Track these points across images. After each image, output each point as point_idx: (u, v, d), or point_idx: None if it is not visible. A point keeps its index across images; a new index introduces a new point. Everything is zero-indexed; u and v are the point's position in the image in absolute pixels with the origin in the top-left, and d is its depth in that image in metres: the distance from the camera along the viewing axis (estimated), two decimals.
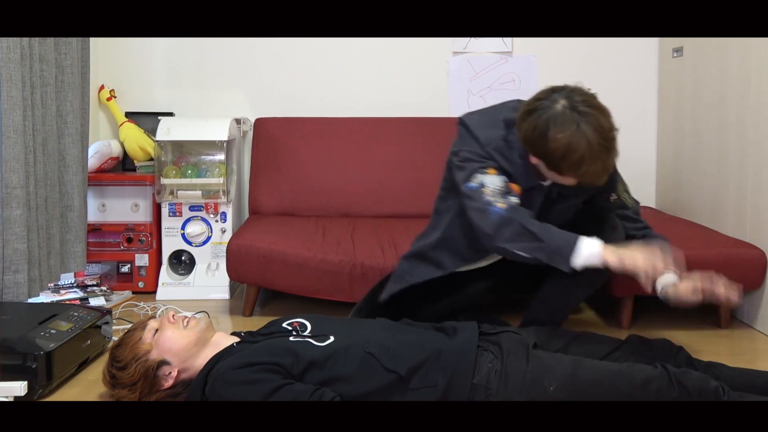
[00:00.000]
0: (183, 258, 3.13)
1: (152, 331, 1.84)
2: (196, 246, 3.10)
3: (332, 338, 1.76)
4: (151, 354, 1.79)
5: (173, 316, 1.86)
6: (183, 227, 3.09)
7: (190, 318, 1.86)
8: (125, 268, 3.11)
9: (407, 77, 3.50)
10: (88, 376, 2.11)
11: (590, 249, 1.87)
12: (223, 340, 1.86)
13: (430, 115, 3.45)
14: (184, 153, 3.12)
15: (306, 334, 1.80)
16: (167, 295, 3.04)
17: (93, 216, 3.08)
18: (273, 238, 2.70)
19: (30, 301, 2.42)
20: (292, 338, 1.78)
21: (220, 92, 3.50)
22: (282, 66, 3.49)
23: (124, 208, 3.12)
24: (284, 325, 1.87)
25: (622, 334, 1.98)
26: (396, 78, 3.50)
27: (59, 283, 2.90)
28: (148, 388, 1.78)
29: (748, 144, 2.64)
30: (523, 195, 2.01)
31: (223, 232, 3.10)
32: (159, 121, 3.12)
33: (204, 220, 3.10)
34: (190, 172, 3.06)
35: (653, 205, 3.49)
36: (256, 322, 2.38)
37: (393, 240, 2.74)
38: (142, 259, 3.11)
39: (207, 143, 3.10)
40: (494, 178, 1.95)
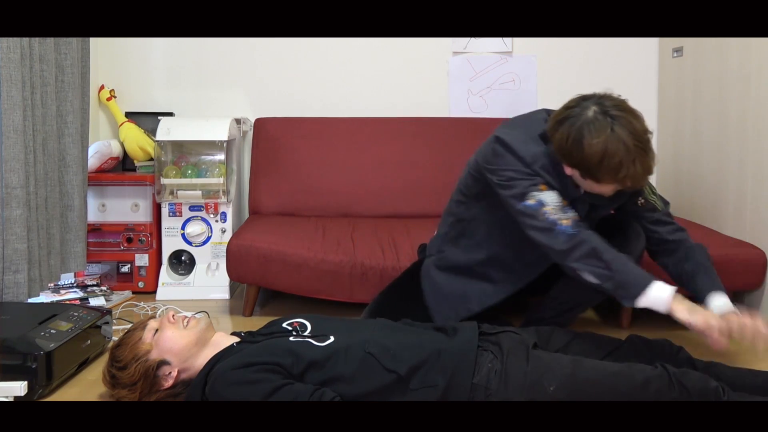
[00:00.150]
0: (183, 258, 3.13)
1: (152, 331, 1.84)
2: (196, 246, 3.10)
3: (332, 338, 1.76)
4: (151, 354, 1.79)
5: (173, 316, 1.86)
6: (183, 227, 3.09)
7: (190, 318, 1.86)
8: (125, 268, 3.11)
9: (407, 77, 3.50)
10: (88, 376, 2.11)
11: (659, 294, 1.84)
12: (223, 340, 1.86)
13: (430, 115, 3.45)
14: (184, 153, 3.12)
15: (306, 334, 1.80)
16: (167, 295, 3.04)
17: (93, 216, 3.08)
18: (273, 238, 2.70)
19: (30, 301, 2.42)
20: (292, 338, 1.78)
21: (220, 92, 3.50)
22: (282, 66, 3.49)
23: (124, 208, 3.12)
24: (284, 325, 1.87)
25: (622, 334, 1.98)
26: (396, 78, 3.50)
27: (59, 283, 2.90)
28: (148, 388, 1.78)
29: (748, 144, 2.64)
30: (572, 206, 2.00)
31: (223, 232, 3.10)
32: (159, 121, 3.12)
33: (204, 220, 3.10)
34: (190, 172, 3.06)
35: None
36: (256, 322, 2.39)
37: (393, 240, 2.74)
38: (142, 259, 3.11)
39: (207, 143, 3.10)
40: (551, 195, 1.93)
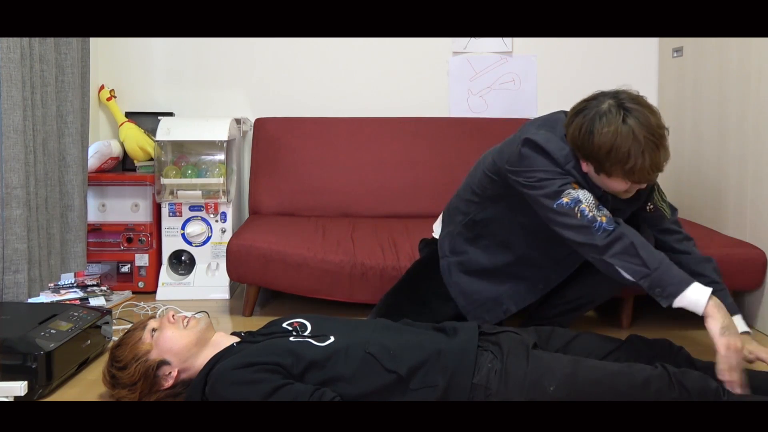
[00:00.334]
0: (183, 258, 3.13)
1: (152, 331, 1.84)
2: (196, 246, 3.10)
3: (332, 338, 1.76)
4: (151, 354, 1.79)
5: (173, 316, 1.86)
6: (183, 227, 3.09)
7: (190, 318, 1.86)
8: (125, 268, 3.11)
9: (407, 77, 3.50)
10: (88, 376, 2.11)
11: (698, 297, 1.79)
12: (223, 340, 1.86)
13: (430, 115, 3.45)
14: (184, 153, 3.12)
15: (306, 334, 1.80)
16: (167, 295, 3.04)
17: (93, 216, 3.08)
18: (273, 238, 2.70)
19: (30, 301, 2.42)
20: (292, 338, 1.78)
21: (220, 92, 3.50)
22: (282, 66, 3.49)
23: (124, 208, 3.12)
24: (284, 325, 1.87)
25: (622, 334, 1.98)
26: (396, 78, 3.50)
27: (59, 283, 2.90)
28: (148, 388, 1.78)
29: (748, 144, 2.64)
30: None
31: (223, 232, 3.10)
32: (159, 121, 3.12)
33: (204, 220, 3.10)
34: (190, 172, 3.06)
35: None
36: (256, 322, 2.38)
37: (393, 240, 2.74)
38: (142, 259, 3.11)
39: (207, 143, 3.10)
40: (585, 193, 1.90)
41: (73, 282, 2.97)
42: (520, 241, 2.12)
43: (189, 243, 3.09)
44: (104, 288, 2.97)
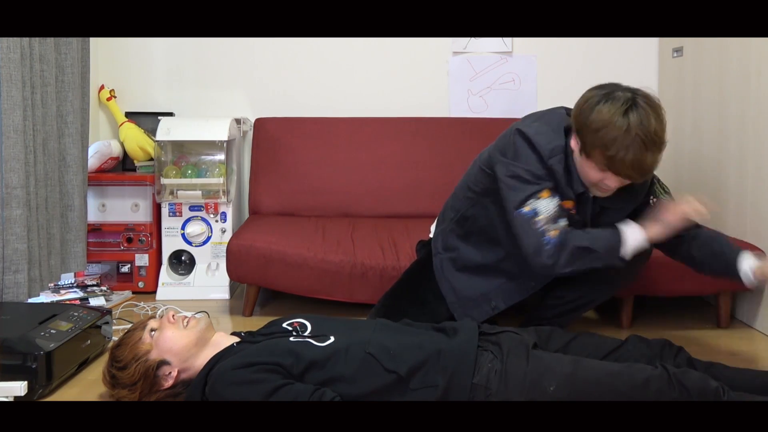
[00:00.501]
0: (183, 258, 3.13)
1: (152, 331, 1.84)
2: (196, 246, 3.10)
3: (332, 338, 1.76)
4: (151, 354, 1.79)
5: (173, 316, 1.86)
6: (183, 227, 3.09)
7: (190, 318, 1.86)
8: (125, 268, 3.11)
9: (407, 77, 3.50)
10: (88, 376, 2.11)
11: (634, 235, 1.95)
12: (223, 340, 1.86)
13: (430, 115, 3.45)
14: (184, 153, 3.12)
15: (306, 334, 1.80)
16: (167, 295, 3.04)
17: (93, 216, 3.08)
18: (273, 238, 2.70)
19: (30, 301, 2.42)
20: (292, 338, 1.78)
21: (220, 92, 3.50)
22: (282, 66, 3.49)
23: (124, 208, 3.12)
24: (284, 325, 1.87)
25: (622, 334, 1.98)
26: (396, 78, 3.50)
27: (59, 283, 2.90)
28: (148, 388, 1.78)
29: (748, 144, 2.64)
30: (577, 207, 2.01)
31: (223, 232, 3.10)
32: (159, 121, 3.12)
33: (204, 220, 3.10)
34: (190, 172, 3.06)
35: None
36: (256, 322, 2.39)
37: (393, 240, 2.74)
38: (142, 259, 3.11)
39: (207, 143, 3.10)
40: (548, 203, 1.93)
41: (73, 282, 2.97)
42: (507, 238, 2.12)
43: (189, 243, 3.09)
44: (104, 288, 2.97)
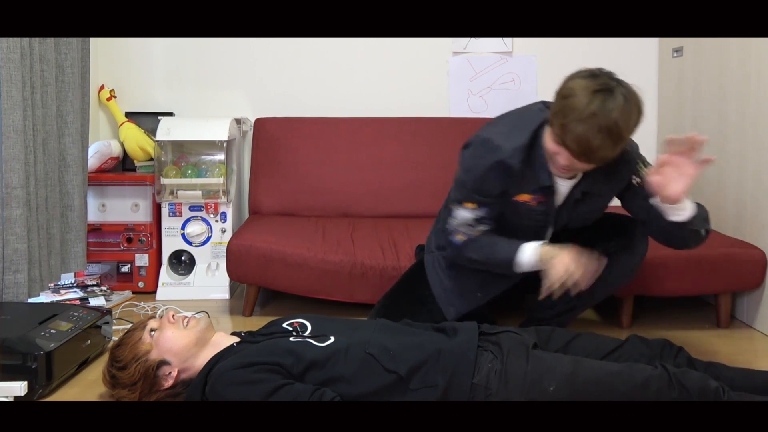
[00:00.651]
0: (183, 258, 3.13)
1: (152, 331, 1.84)
2: (196, 246, 3.10)
3: (332, 339, 1.76)
4: (151, 354, 1.79)
5: (173, 316, 1.86)
6: (183, 227, 3.09)
7: (190, 318, 1.86)
8: (125, 268, 3.11)
9: (407, 77, 3.50)
10: (88, 376, 2.11)
11: (528, 258, 2.01)
12: (223, 340, 1.86)
13: (430, 115, 3.45)
14: (184, 153, 3.12)
15: (306, 334, 1.80)
16: (167, 295, 3.04)
17: (93, 216, 3.08)
18: (273, 238, 2.70)
19: (30, 301, 2.42)
20: (292, 339, 1.78)
21: (220, 92, 3.50)
22: (282, 66, 3.49)
23: (124, 208, 3.12)
24: (284, 325, 1.87)
25: (622, 334, 1.98)
26: (396, 78, 3.50)
27: (59, 283, 2.90)
28: (148, 388, 1.78)
29: (748, 144, 2.64)
30: (544, 199, 2.02)
31: (223, 232, 3.10)
32: (159, 121, 3.12)
33: (204, 220, 3.10)
34: (190, 172, 3.06)
35: None
36: (256, 322, 2.39)
37: (393, 240, 2.74)
38: (142, 259, 3.11)
39: (207, 143, 3.10)
40: (466, 213, 2.06)
41: (73, 282, 2.97)
42: (506, 234, 2.12)
43: (189, 243, 3.09)
44: (104, 288, 2.97)
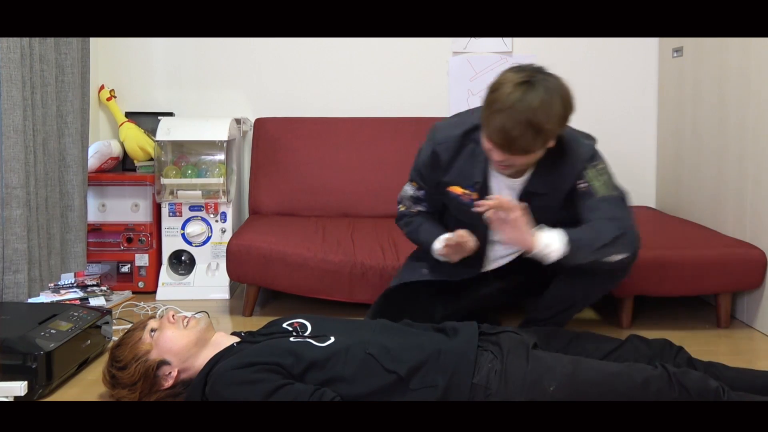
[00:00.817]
0: (183, 258, 3.13)
1: (152, 331, 1.84)
2: (196, 246, 3.10)
3: (332, 339, 1.76)
4: (151, 354, 1.79)
5: (173, 316, 1.86)
6: (183, 227, 3.09)
7: (190, 318, 1.86)
8: (125, 268, 3.11)
9: (407, 77, 3.50)
10: (88, 376, 2.11)
11: (437, 247, 2.13)
12: (223, 340, 1.86)
13: (430, 115, 3.45)
14: (184, 153, 3.12)
15: (306, 334, 1.80)
16: (167, 295, 3.04)
17: (93, 216, 3.08)
18: (273, 238, 2.70)
19: (30, 301, 2.42)
20: (292, 339, 1.78)
21: (220, 92, 3.50)
22: (282, 66, 3.49)
23: (124, 208, 3.12)
24: (284, 325, 1.87)
25: (622, 334, 1.98)
26: (396, 78, 3.50)
27: (59, 283, 2.90)
28: (148, 388, 1.78)
29: (748, 144, 2.64)
30: (475, 198, 2.06)
31: (223, 232, 3.10)
32: (159, 121, 3.12)
33: (204, 220, 3.10)
34: (190, 172, 3.06)
35: (653, 205, 3.49)
36: (256, 322, 2.39)
37: (393, 240, 2.74)
38: (142, 259, 3.11)
39: (207, 143, 3.10)
40: (409, 190, 2.25)
41: (73, 282, 2.97)
42: (452, 225, 2.18)
43: (189, 243, 3.09)
44: (104, 288, 2.97)
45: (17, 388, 1.84)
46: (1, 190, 2.30)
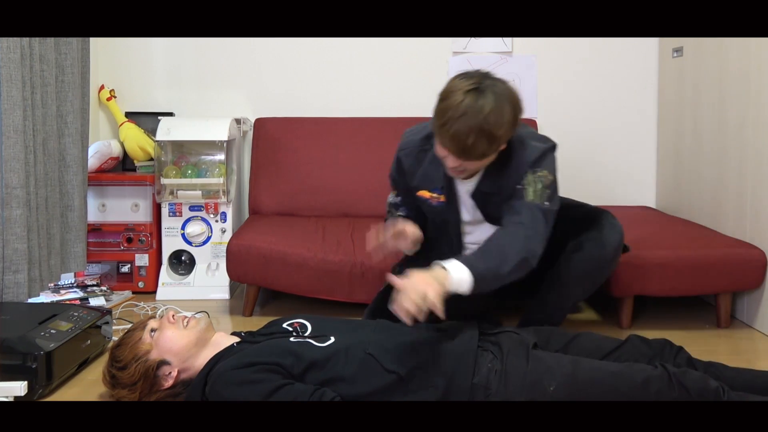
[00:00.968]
0: (183, 258, 3.13)
1: (152, 331, 1.84)
2: (196, 246, 3.10)
3: (332, 339, 1.76)
4: (151, 354, 1.79)
5: (173, 316, 1.86)
6: (183, 227, 3.09)
7: (190, 318, 1.86)
8: (125, 268, 3.11)
9: (407, 77, 3.50)
10: (88, 376, 2.11)
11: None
12: (223, 340, 1.86)
13: (430, 115, 3.42)
14: (184, 153, 3.12)
15: (306, 334, 1.80)
16: (167, 295, 3.04)
17: (93, 216, 3.08)
18: (273, 238, 2.70)
19: (30, 301, 2.42)
20: (292, 339, 1.78)
21: (220, 92, 3.50)
22: (282, 66, 3.49)
23: (124, 208, 3.12)
24: (284, 325, 1.87)
25: (622, 334, 1.98)
26: (396, 78, 3.50)
27: (59, 283, 2.90)
28: (148, 388, 1.78)
29: (748, 144, 2.64)
30: (442, 200, 2.11)
31: (223, 232, 3.10)
32: (159, 121, 3.12)
33: (204, 220, 3.10)
34: (190, 172, 3.06)
35: (653, 205, 3.49)
36: (256, 322, 2.39)
37: None
38: (142, 259, 3.11)
39: (207, 143, 3.10)
40: (390, 196, 2.33)
41: (73, 282, 2.97)
42: (429, 228, 2.22)
43: (189, 243, 3.09)
44: (104, 288, 2.97)
45: (17, 388, 1.84)
46: (1, 190, 2.30)
